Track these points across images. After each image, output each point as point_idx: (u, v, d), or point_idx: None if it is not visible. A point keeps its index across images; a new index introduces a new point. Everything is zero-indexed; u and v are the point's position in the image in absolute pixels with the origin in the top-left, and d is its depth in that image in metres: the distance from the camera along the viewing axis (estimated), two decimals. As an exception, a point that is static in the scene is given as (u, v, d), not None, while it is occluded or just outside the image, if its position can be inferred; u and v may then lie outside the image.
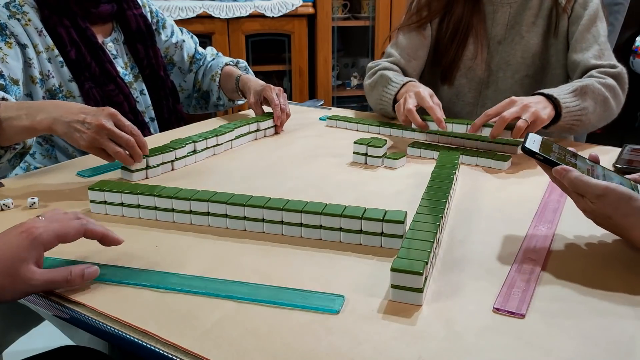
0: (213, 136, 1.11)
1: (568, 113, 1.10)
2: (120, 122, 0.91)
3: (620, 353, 0.52)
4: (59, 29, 1.18)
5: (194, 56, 1.48)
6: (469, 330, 0.56)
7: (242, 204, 0.77)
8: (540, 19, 1.30)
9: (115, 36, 1.31)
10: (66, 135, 0.90)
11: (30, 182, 0.97)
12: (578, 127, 1.13)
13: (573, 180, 0.68)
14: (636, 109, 2.95)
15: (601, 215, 0.68)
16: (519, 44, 1.31)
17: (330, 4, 2.91)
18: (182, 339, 0.54)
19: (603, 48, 1.23)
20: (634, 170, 0.97)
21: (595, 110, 1.13)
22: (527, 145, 0.72)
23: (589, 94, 1.12)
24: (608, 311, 0.59)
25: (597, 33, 1.24)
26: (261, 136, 1.25)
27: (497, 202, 0.88)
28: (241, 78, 1.39)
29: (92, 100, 1.20)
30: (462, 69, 1.36)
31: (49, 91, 1.19)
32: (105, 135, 0.90)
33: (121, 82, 1.25)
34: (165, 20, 1.44)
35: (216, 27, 2.72)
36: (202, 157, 1.10)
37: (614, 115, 1.20)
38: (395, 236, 0.72)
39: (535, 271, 0.66)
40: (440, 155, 1.00)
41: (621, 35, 1.58)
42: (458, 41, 1.34)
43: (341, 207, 0.75)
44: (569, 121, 1.11)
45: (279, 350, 0.53)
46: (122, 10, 1.31)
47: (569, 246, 0.74)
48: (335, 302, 0.60)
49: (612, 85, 1.17)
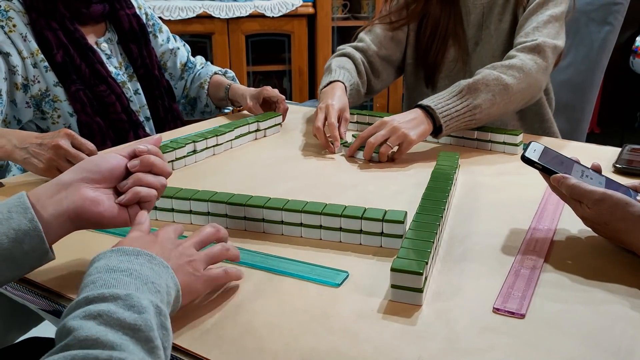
0: (213, 136, 1.11)
1: (452, 119, 1.08)
2: (77, 141, 0.90)
3: (620, 353, 0.52)
4: (45, 32, 1.18)
5: (186, 64, 1.49)
6: (469, 330, 0.56)
7: (242, 204, 0.77)
8: (505, 15, 1.30)
9: (109, 36, 1.31)
10: (25, 161, 0.90)
11: (30, 182, 0.97)
12: (480, 123, 1.12)
13: (570, 186, 0.68)
14: (636, 109, 2.95)
15: (599, 221, 0.69)
16: (489, 44, 1.32)
17: (330, 4, 2.91)
18: (181, 339, 0.54)
19: (540, 26, 1.19)
20: (634, 170, 0.97)
21: (495, 101, 1.10)
22: (527, 154, 0.73)
23: (480, 89, 1.09)
24: (608, 311, 0.59)
25: (542, 14, 1.21)
26: (261, 136, 1.25)
27: (497, 202, 0.88)
28: (231, 87, 1.40)
29: (79, 103, 1.20)
30: (443, 72, 1.37)
31: (33, 97, 1.19)
32: (62, 156, 0.88)
33: (113, 82, 1.25)
34: (161, 25, 1.45)
35: (216, 27, 2.72)
36: (202, 157, 1.10)
37: (535, 88, 1.16)
38: (395, 236, 0.72)
39: (535, 271, 0.66)
40: (440, 155, 1.00)
41: (621, 35, 1.58)
42: (437, 44, 1.34)
43: (341, 207, 0.75)
44: (459, 124, 1.09)
45: (279, 350, 0.53)
46: (115, 10, 1.31)
47: (569, 246, 0.74)
48: (339, 276, 0.65)
49: (519, 64, 1.12)
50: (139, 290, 0.47)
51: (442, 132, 1.09)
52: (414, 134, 1.05)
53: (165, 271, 0.53)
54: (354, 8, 3.09)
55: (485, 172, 1.02)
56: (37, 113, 1.21)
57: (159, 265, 0.52)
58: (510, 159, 1.09)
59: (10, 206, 0.56)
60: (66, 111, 1.21)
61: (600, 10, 1.54)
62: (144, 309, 0.44)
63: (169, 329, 0.47)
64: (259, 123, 1.24)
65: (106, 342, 0.40)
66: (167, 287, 0.51)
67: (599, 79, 1.58)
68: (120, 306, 0.44)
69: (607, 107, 2.90)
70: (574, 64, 1.58)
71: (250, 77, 2.95)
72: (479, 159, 1.09)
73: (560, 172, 0.71)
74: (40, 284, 0.65)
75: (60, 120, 1.22)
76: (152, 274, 0.50)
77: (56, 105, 1.21)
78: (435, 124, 1.09)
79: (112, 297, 0.44)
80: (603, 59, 1.56)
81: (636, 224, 0.65)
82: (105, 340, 0.40)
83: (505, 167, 1.04)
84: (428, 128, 1.08)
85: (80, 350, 0.39)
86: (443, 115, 1.07)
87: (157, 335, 0.44)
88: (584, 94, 1.59)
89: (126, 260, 0.50)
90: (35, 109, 1.21)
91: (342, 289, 0.63)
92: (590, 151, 1.14)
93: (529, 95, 1.16)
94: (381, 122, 1.07)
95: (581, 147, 1.20)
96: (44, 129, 1.22)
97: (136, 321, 0.43)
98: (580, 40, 1.57)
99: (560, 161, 0.74)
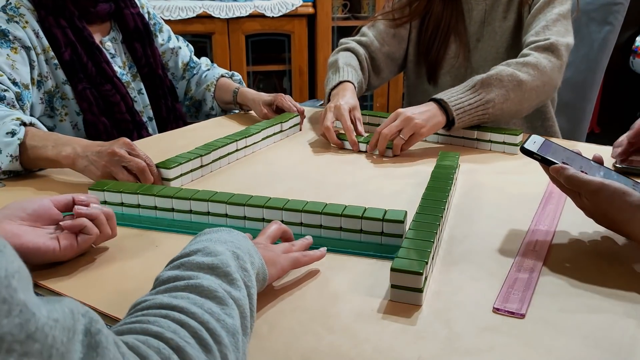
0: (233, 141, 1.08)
1: (464, 112, 1.10)
2: (134, 151, 0.90)
3: (620, 353, 0.52)
4: (54, 30, 1.18)
5: (188, 64, 1.49)
6: (469, 330, 0.56)
7: (242, 204, 0.77)
8: (510, 13, 1.31)
9: (114, 35, 1.31)
10: (85, 169, 0.91)
11: (30, 183, 0.97)
12: (493, 118, 1.13)
13: (569, 177, 0.68)
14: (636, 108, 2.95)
15: (598, 212, 0.69)
16: (493, 40, 1.33)
17: (330, 4, 2.91)
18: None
19: (550, 24, 1.20)
20: (634, 170, 0.97)
21: (509, 97, 1.11)
22: (526, 145, 0.72)
23: (494, 84, 1.11)
24: (609, 311, 0.59)
25: (550, 12, 1.22)
26: (284, 137, 1.24)
27: (497, 202, 0.88)
28: (240, 91, 1.40)
29: (86, 102, 1.20)
30: (445, 68, 1.38)
31: (47, 93, 1.19)
32: (117, 162, 0.88)
33: (118, 82, 1.25)
34: (162, 25, 1.45)
35: (216, 27, 2.72)
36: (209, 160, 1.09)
37: (550, 86, 1.17)
38: (395, 235, 0.72)
39: (535, 271, 0.66)
40: (440, 155, 1.00)
41: (621, 35, 1.58)
42: (439, 41, 1.36)
43: (341, 206, 0.75)
44: (471, 118, 1.11)
45: (279, 350, 0.53)
46: (120, 9, 1.31)
47: (569, 246, 0.74)
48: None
49: (534, 62, 1.14)
50: (216, 244, 0.53)
51: (454, 125, 1.10)
52: (427, 126, 1.08)
53: (245, 241, 0.57)
54: (354, 8, 3.09)
55: (485, 172, 1.02)
56: (47, 109, 1.21)
57: (240, 236, 0.58)
58: (510, 159, 1.09)
59: None
60: (74, 110, 1.22)
61: (600, 10, 1.54)
62: (219, 253, 0.51)
63: (250, 272, 0.53)
64: (282, 124, 1.23)
65: (184, 275, 0.48)
66: (248, 249, 0.56)
67: (599, 78, 1.58)
68: (199, 255, 0.51)
69: (607, 107, 2.90)
70: (574, 64, 1.58)
71: (250, 77, 2.95)
72: (479, 159, 1.09)
73: (560, 163, 0.70)
74: (40, 284, 0.65)
75: (68, 119, 1.22)
76: (232, 238, 0.56)
77: (64, 103, 1.21)
78: (449, 118, 1.10)
79: (193, 252, 0.52)
80: (603, 59, 1.56)
81: (634, 213, 0.64)
82: (184, 274, 0.48)
83: (505, 167, 1.04)
84: (442, 120, 1.10)
85: (163, 285, 0.48)
86: (456, 109, 1.09)
87: (235, 270, 0.50)
88: (584, 93, 1.59)
89: (214, 231, 0.57)
90: (47, 105, 1.21)
91: (342, 289, 0.63)
92: (590, 151, 1.12)
93: (544, 93, 1.17)
94: (395, 113, 1.10)
95: (581, 146, 1.19)
96: (50, 127, 1.22)
97: (213, 262, 0.50)
98: (580, 40, 1.57)
99: (560, 153, 0.73)
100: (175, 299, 0.45)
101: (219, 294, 0.46)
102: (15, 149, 0.94)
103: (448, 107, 1.09)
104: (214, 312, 0.45)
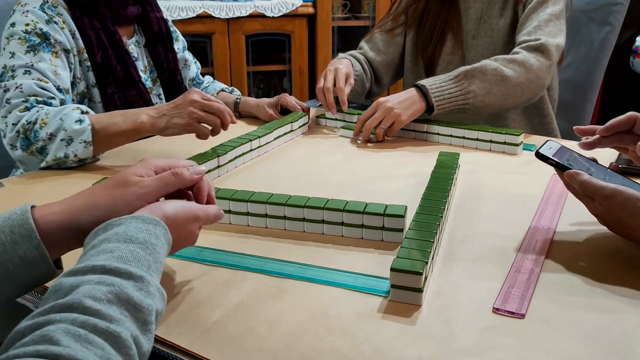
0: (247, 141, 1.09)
1: (444, 100, 1.15)
2: (206, 96, 1.00)
3: (620, 353, 0.52)
4: (88, 31, 1.16)
5: (195, 80, 1.49)
6: (469, 330, 0.56)
7: (245, 200, 0.78)
8: (507, 11, 1.33)
9: (137, 38, 1.30)
10: (167, 125, 0.98)
11: (31, 183, 0.97)
12: (476, 109, 1.17)
13: (582, 182, 0.68)
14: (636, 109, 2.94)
15: (611, 218, 0.68)
16: (489, 37, 1.35)
17: (330, 4, 2.91)
18: (181, 339, 0.54)
19: (542, 25, 1.23)
20: (634, 170, 0.97)
21: (491, 90, 1.16)
22: (541, 150, 0.73)
23: (477, 76, 1.16)
24: (609, 311, 0.59)
25: (542, 12, 1.25)
26: (294, 137, 1.24)
27: (497, 202, 0.88)
28: (242, 100, 1.41)
29: (113, 106, 1.18)
30: (441, 64, 1.40)
31: (79, 94, 1.18)
32: (199, 107, 0.98)
33: (142, 88, 1.24)
34: (178, 34, 1.45)
35: (216, 27, 2.72)
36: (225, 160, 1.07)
37: (537, 85, 1.20)
38: (396, 230, 0.73)
39: (535, 271, 0.66)
40: (440, 155, 1.00)
41: (621, 35, 1.58)
42: (436, 38, 1.39)
43: (343, 202, 0.76)
44: (451, 106, 1.16)
45: (279, 350, 0.53)
46: (145, 12, 1.30)
47: (569, 246, 0.74)
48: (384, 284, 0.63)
49: (521, 59, 1.18)
50: (150, 270, 0.49)
51: (434, 111, 1.15)
52: (406, 115, 1.15)
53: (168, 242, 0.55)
54: (354, 8, 3.09)
55: (485, 172, 1.02)
56: None
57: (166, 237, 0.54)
58: (510, 159, 1.09)
59: (14, 225, 0.53)
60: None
61: (600, 10, 1.54)
62: (151, 295, 0.47)
63: (161, 314, 0.49)
64: (292, 124, 1.24)
65: (107, 314, 0.42)
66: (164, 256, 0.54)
67: (599, 78, 1.58)
68: (131, 285, 0.46)
69: (607, 107, 2.89)
70: (574, 64, 1.58)
71: (250, 77, 2.94)
72: (479, 159, 1.09)
73: (574, 169, 0.70)
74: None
75: None
76: (163, 251, 0.53)
77: (90, 105, 1.19)
78: (428, 104, 1.16)
79: (127, 275, 0.47)
80: (603, 59, 1.56)
81: None
82: (106, 313, 0.42)
83: (506, 167, 1.04)
84: (420, 107, 1.16)
85: (82, 315, 0.41)
86: (435, 95, 1.14)
87: (153, 321, 0.46)
88: (584, 93, 1.59)
89: (144, 230, 0.52)
90: None
91: (342, 289, 0.63)
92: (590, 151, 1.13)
93: (530, 90, 1.20)
94: (376, 103, 1.16)
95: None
96: None
97: (142, 302, 0.45)
98: (580, 40, 1.57)
99: (576, 159, 0.74)
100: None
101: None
102: (88, 135, 0.98)
103: (428, 94, 1.14)
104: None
